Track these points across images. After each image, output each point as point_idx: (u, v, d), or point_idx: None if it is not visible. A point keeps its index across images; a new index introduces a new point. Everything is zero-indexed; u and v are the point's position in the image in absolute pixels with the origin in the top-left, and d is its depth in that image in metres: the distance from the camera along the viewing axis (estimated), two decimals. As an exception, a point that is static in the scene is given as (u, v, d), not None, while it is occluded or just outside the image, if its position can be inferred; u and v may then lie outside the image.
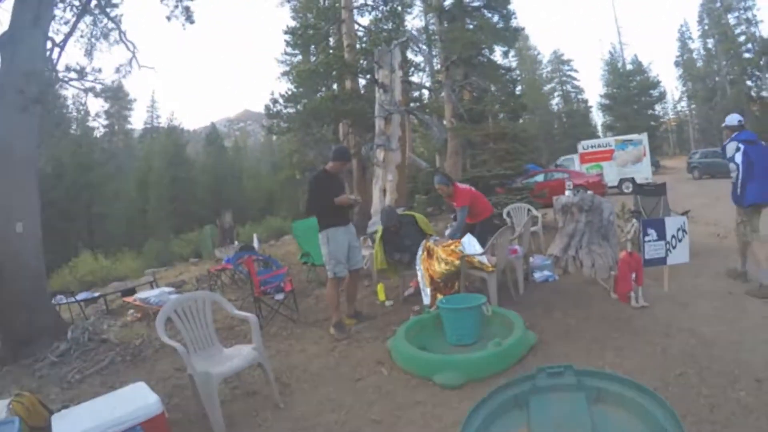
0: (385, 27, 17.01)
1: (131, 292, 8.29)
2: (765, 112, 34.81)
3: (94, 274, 16.95)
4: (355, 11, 16.59)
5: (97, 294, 8.57)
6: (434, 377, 3.18)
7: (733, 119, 4.97)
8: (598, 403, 1.61)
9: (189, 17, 8.82)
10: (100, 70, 8.14)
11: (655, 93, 44.49)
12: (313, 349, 4.29)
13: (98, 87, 8.00)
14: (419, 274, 4.94)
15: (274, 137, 30.61)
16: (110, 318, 6.87)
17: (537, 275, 5.64)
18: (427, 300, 4.68)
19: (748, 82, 37.24)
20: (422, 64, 21.84)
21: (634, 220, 5.07)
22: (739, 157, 4.71)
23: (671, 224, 4.75)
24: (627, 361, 3.22)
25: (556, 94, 50.79)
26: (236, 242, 12.13)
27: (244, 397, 3.42)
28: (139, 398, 2.57)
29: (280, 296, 5.85)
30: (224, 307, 3.37)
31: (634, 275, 4.52)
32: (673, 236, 4.73)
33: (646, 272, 4.58)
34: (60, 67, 7.31)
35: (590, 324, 4.06)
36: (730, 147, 4.82)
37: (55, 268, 16.52)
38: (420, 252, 5.02)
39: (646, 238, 4.64)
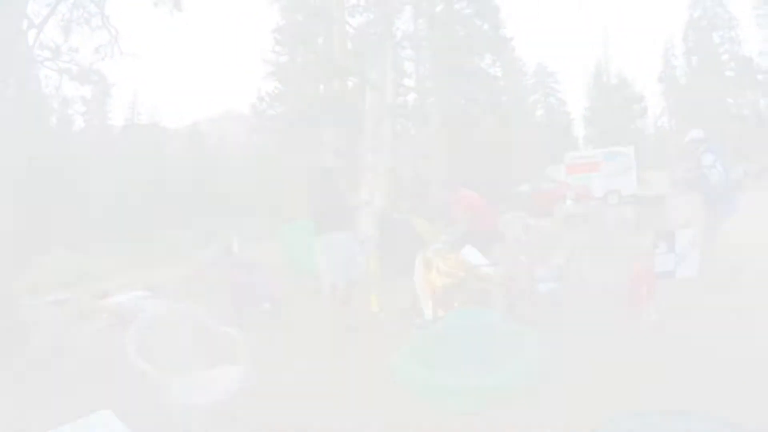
0: (375, 30, 16.73)
1: (104, 294, 7.74)
2: (746, 129, 35.61)
3: (69, 273, 16.17)
4: (346, 11, 16.24)
5: (66, 296, 7.98)
6: (448, 403, 2.80)
7: (699, 133, 5.51)
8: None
9: (177, 3, 8.29)
10: (77, 50, 7.51)
11: (637, 108, 45.08)
12: (306, 368, 3.87)
13: (74, 69, 7.38)
14: (418, 286, 4.61)
15: (258, 137, 30.10)
16: (80, 323, 6.35)
17: (542, 287, 5.33)
18: (428, 314, 4.34)
19: (729, 100, 38.12)
20: (409, 70, 21.63)
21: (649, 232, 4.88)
22: (720, 166, 5.18)
23: (681, 236, 4.60)
24: (651, 380, 2.98)
25: (539, 105, 51.04)
26: (217, 245, 11.60)
27: (228, 425, 2.93)
28: (105, 432, 2.15)
29: (265, 306, 5.45)
30: (205, 322, 2.98)
31: (646, 289, 4.27)
32: (683, 249, 4.57)
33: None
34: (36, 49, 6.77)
35: (604, 340, 3.78)
36: (708, 157, 5.25)
37: (27, 267, 15.72)
38: (417, 262, 4.70)
39: (657, 251, 4.48)
